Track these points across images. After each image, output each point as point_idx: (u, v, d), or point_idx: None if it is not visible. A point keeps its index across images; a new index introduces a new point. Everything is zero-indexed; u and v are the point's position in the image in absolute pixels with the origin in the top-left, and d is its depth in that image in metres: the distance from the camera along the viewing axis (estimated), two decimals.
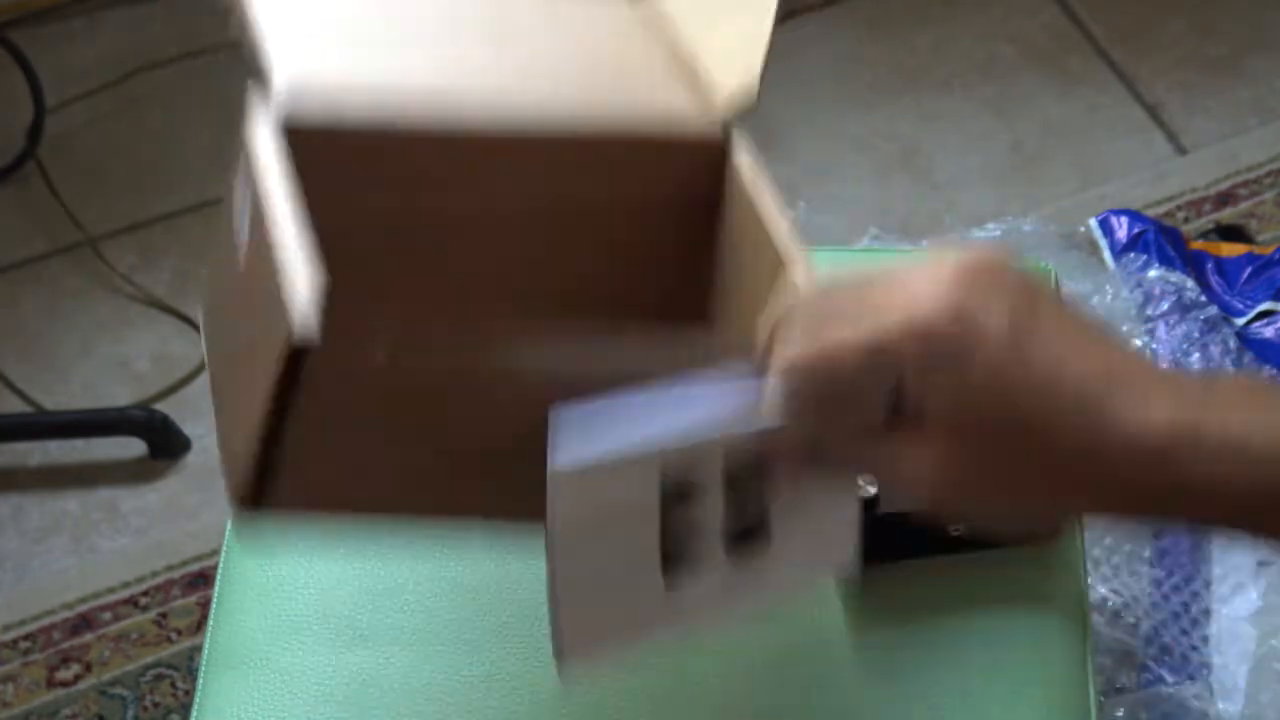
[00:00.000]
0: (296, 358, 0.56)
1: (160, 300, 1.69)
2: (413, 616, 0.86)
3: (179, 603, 1.47)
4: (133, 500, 1.55)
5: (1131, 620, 1.32)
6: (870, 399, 0.55)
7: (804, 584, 0.71)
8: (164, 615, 1.46)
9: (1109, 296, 1.54)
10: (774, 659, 0.85)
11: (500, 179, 0.71)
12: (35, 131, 1.76)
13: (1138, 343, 1.50)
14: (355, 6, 0.75)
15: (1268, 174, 1.75)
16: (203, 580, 1.47)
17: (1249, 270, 1.59)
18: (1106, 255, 1.62)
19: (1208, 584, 1.35)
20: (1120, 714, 1.27)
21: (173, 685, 1.42)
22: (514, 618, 0.85)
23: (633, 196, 0.73)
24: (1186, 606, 1.33)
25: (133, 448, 1.57)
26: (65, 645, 1.45)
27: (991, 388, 0.54)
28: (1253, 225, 1.70)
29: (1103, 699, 1.26)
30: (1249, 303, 1.56)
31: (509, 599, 0.86)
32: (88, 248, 1.73)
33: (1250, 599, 1.32)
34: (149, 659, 1.44)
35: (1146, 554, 1.35)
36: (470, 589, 0.87)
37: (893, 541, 0.89)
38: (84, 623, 1.46)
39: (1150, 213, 1.69)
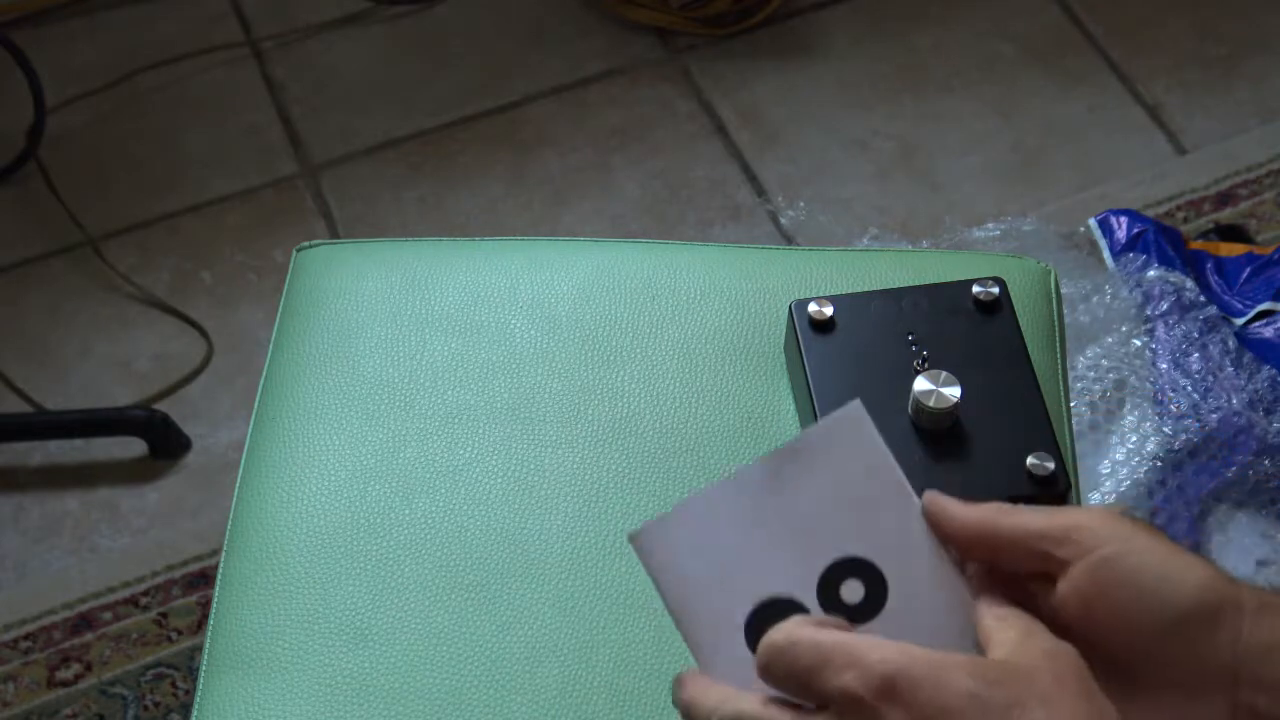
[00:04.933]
0: None
1: (160, 300, 1.69)
2: (413, 616, 0.86)
3: (179, 602, 1.47)
4: (133, 500, 1.55)
5: None
6: None
7: None
8: (164, 615, 1.46)
9: (1108, 296, 1.54)
10: None
11: None
12: (35, 131, 1.76)
13: (1137, 343, 1.50)
14: None
15: (1267, 174, 1.75)
16: (203, 580, 1.48)
17: (1248, 270, 1.59)
18: (1106, 255, 1.61)
19: None
20: None
21: (173, 685, 1.42)
22: (515, 617, 0.85)
23: None
24: None
25: (133, 448, 1.57)
26: (66, 644, 1.45)
27: None
28: (1252, 225, 1.70)
29: None
30: (1248, 303, 1.56)
31: (510, 598, 0.86)
32: (88, 248, 1.73)
33: None
34: (149, 659, 1.44)
35: None
36: (471, 588, 0.87)
37: None
38: (84, 622, 1.46)
39: (1150, 213, 1.69)
